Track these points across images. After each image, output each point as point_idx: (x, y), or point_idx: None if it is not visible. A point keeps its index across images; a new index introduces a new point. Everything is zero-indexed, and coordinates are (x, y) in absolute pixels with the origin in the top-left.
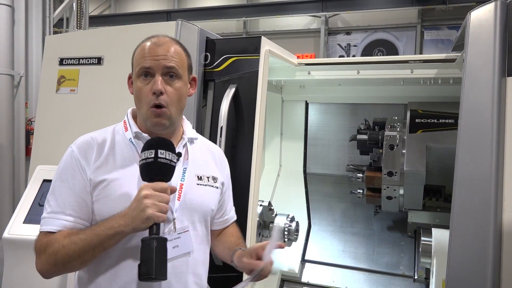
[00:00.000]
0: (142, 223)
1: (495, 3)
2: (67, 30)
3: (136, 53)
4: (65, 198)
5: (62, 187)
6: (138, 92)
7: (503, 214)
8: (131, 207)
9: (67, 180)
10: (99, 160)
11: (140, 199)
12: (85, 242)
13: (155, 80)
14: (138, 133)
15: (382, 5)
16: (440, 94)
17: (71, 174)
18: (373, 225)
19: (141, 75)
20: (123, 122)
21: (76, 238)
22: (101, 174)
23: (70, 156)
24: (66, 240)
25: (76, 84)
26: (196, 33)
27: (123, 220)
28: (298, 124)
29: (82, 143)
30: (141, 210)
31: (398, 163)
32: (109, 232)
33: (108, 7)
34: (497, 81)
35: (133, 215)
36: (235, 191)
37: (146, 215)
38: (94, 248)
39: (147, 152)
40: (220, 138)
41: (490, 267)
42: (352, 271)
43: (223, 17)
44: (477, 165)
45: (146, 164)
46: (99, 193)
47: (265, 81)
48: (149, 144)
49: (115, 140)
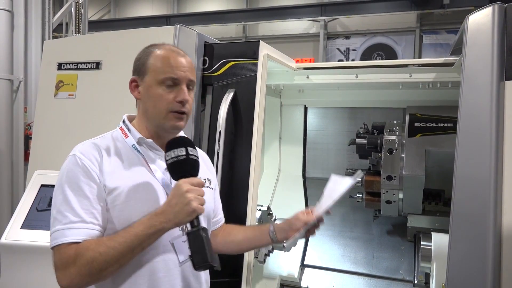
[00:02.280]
0: (187, 217)
1: (493, 7)
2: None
3: (156, 61)
4: (83, 206)
5: (77, 195)
6: (158, 98)
7: (502, 217)
8: (170, 203)
9: (81, 188)
10: (110, 166)
11: (182, 194)
12: (125, 245)
13: (182, 90)
14: (141, 139)
15: (381, 9)
16: (439, 98)
17: (85, 181)
18: (372, 230)
19: (164, 84)
20: (120, 129)
21: (113, 242)
22: (114, 181)
23: (76, 164)
24: (101, 247)
25: (74, 89)
26: (194, 37)
27: (163, 217)
28: (297, 128)
29: (87, 150)
30: (185, 204)
31: (397, 167)
32: (150, 231)
33: (108, 12)
34: (496, 85)
35: (175, 210)
36: (234, 195)
37: (192, 208)
38: (133, 250)
39: (176, 150)
40: (219, 143)
41: (490, 271)
42: (352, 275)
43: (223, 21)
44: (476, 168)
45: (178, 161)
46: (115, 200)
47: (264, 86)
48: (176, 143)
49: (118, 146)
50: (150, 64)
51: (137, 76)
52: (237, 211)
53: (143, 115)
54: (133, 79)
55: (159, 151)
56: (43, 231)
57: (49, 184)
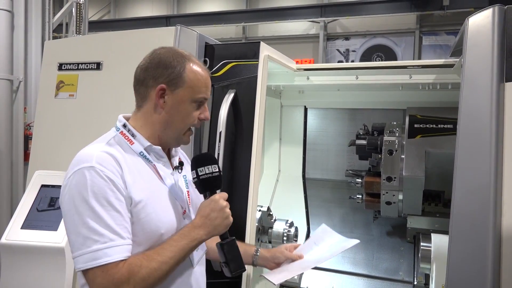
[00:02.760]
0: (225, 229)
1: (493, 9)
2: (67, 35)
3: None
4: (117, 222)
5: (108, 211)
6: (188, 115)
7: (502, 219)
8: (209, 217)
9: (110, 203)
10: (129, 177)
11: (222, 208)
12: (174, 260)
13: (207, 110)
14: (149, 147)
15: (380, 10)
16: (439, 99)
17: (113, 195)
18: (372, 231)
19: (196, 102)
20: (121, 134)
21: (164, 257)
22: (138, 192)
23: (100, 177)
24: (153, 263)
25: (75, 89)
26: (195, 38)
27: (203, 230)
28: (297, 129)
29: (104, 160)
30: (225, 218)
31: (397, 168)
32: (193, 244)
33: (108, 13)
34: (496, 86)
35: (215, 224)
36: (234, 196)
37: (230, 221)
38: (179, 262)
39: (211, 167)
40: (219, 143)
41: (490, 272)
42: (351, 276)
43: (223, 22)
44: (476, 170)
45: (213, 177)
46: (139, 212)
47: (264, 86)
48: (208, 159)
49: (125, 154)
50: (188, 78)
51: (167, 85)
52: (238, 212)
53: (161, 124)
54: (162, 87)
55: (164, 158)
56: (43, 231)
57: (50, 184)
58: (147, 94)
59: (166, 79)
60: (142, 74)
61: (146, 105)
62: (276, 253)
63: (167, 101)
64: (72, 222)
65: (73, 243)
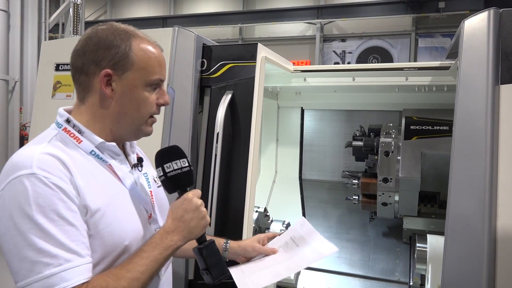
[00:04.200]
0: (202, 231)
1: (488, 12)
2: (63, 36)
3: (143, 56)
4: (72, 238)
5: (59, 225)
6: (143, 101)
7: (497, 220)
8: (183, 219)
9: (61, 216)
10: (81, 181)
11: (197, 208)
12: (147, 274)
13: (164, 92)
14: (102, 144)
15: (377, 12)
16: (435, 101)
17: (62, 205)
18: (368, 232)
19: (151, 86)
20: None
21: (135, 273)
22: (94, 199)
23: (44, 185)
24: (122, 281)
25: (72, 90)
26: (193, 39)
27: (176, 235)
28: (294, 130)
29: (47, 164)
30: (201, 219)
31: (393, 170)
32: (167, 253)
33: (104, 13)
34: (491, 88)
35: (190, 226)
36: (231, 196)
37: (207, 222)
38: (153, 275)
39: (179, 162)
40: (217, 144)
41: (485, 273)
42: (348, 277)
43: (219, 23)
44: (471, 171)
45: (182, 173)
46: (97, 223)
47: (261, 88)
48: (176, 153)
49: (72, 155)
50: (136, 58)
51: (112, 70)
52: (234, 213)
53: (112, 117)
54: (107, 72)
55: (119, 156)
56: None
57: None
58: (90, 83)
59: (110, 62)
60: (80, 60)
61: (90, 96)
62: (247, 248)
63: (116, 88)
64: (13, 245)
65: (18, 271)
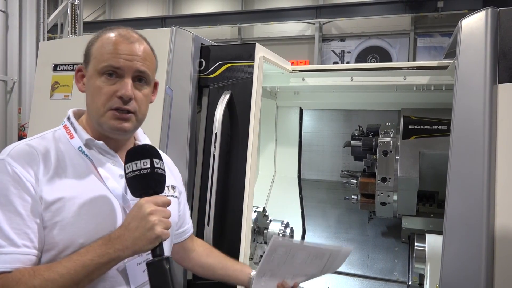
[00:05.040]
0: (149, 244)
1: (486, 11)
2: (61, 36)
3: (99, 45)
4: (14, 225)
5: (5, 211)
6: (97, 91)
7: (495, 219)
8: (128, 227)
9: (10, 202)
10: (48, 174)
11: (145, 216)
12: (68, 278)
13: (125, 83)
14: (90, 141)
15: (375, 12)
16: (433, 100)
17: (16, 193)
18: (367, 231)
19: (105, 74)
20: (64, 128)
21: (53, 274)
22: (54, 192)
23: (5, 171)
24: (36, 279)
25: (70, 90)
26: (191, 39)
27: (119, 243)
28: (292, 130)
29: (19, 153)
30: (148, 229)
31: (391, 169)
32: (101, 260)
33: (103, 13)
34: (488, 88)
35: (134, 236)
36: (230, 196)
37: (156, 234)
38: (78, 284)
39: (139, 162)
40: (215, 144)
41: (483, 272)
42: (347, 277)
43: (218, 23)
44: (469, 170)
45: (141, 176)
46: (54, 216)
47: (260, 88)
48: (139, 153)
49: (60, 149)
50: (94, 50)
51: (84, 65)
52: (233, 213)
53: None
54: (79, 67)
55: (112, 156)
56: None
57: None
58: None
59: (83, 59)
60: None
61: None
62: None
63: (85, 82)
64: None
65: None
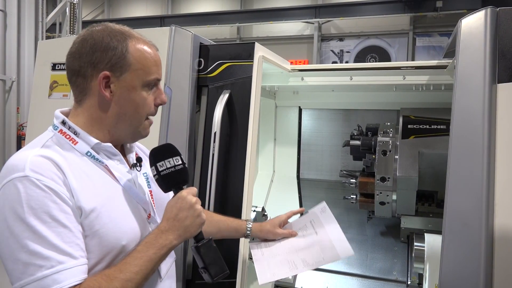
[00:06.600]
0: (198, 229)
1: (485, 11)
2: (60, 35)
3: (140, 56)
4: (65, 239)
5: (52, 228)
6: (143, 102)
7: (494, 219)
8: (178, 217)
9: (54, 218)
10: (75, 183)
11: (192, 206)
12: (141, 274)
13: (161, 91)
14: (98, 145)
15: (374, 12)
16: (432, 100)
17: (55, 207)
18: (366, 231)
19: (148, 86)
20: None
21: (128, 274)
22: (88, 200)
23: (36, 187)
24: (115, 282)
25: (68, 89)
26: (190, 38)
27: (171, 234)
28: (291, 129)
29: (40, 167)
30: (196, 217)
31: (390, 169)
32: (162, 253)
33: (102, 12)
34: (488, 87)
35: (186, 224)
36: (229, 196)
37: (203, 220)
38: (148, 276)
39: (172, 160)
40: (214, 144)
41: (482, 272)
42: (346, 276)
43: (217, 23)
44: (468, 170)
45: (176, 171)
46: (93, 224)
47: (259, 87)
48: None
49: (67, 156)
50: (133, 59)
51: (111, 71)
52: (232, 212)
53: (111, 119)
54: (106, 75)
55: (116, 156)
56: None
57: None
58: (87, 85)
59: (108, 65)
60: (76, 63)
61: (88, 98)
62: (268, 234)
63: (114, 90)
64: (7, 247)
65: (12, 273)
